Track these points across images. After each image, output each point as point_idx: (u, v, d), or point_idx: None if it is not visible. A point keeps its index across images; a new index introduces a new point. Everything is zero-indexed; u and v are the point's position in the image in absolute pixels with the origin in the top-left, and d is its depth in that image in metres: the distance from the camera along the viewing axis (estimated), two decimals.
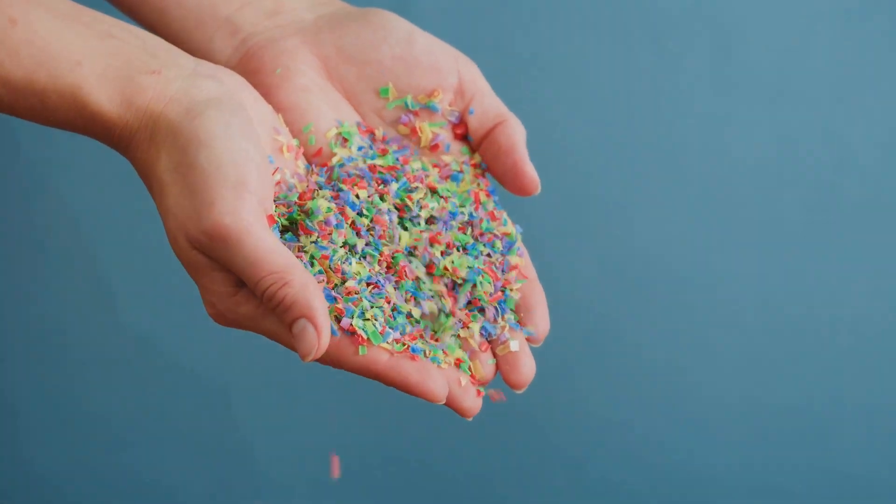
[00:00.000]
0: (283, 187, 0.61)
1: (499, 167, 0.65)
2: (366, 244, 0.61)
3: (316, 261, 0.59)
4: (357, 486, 1.22)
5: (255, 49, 0.65)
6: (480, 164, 0.67)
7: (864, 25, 1.13)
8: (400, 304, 0.60)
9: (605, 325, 1.19)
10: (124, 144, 0.59)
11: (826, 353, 1.19)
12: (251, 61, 0.65)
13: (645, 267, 1.17)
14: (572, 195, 1.16)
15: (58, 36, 0.57)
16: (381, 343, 0.57)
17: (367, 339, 0.57)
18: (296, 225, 0.60)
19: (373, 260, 0.60)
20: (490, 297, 0.62)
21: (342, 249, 0.60)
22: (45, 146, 1.16)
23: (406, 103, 0.66)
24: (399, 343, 0.58)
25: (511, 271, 0.64)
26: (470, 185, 0.66)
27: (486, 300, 0.62)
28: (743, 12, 1.13)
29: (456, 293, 0.62)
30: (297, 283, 0.55)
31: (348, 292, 0.58)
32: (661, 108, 1.14)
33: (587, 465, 1.21)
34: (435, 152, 0.66)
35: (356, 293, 0.58)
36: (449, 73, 0.65)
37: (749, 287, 1.18)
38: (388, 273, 0.61)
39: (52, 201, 1.17)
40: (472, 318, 0.62)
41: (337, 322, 0.57)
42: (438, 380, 0.58)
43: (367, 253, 0.60)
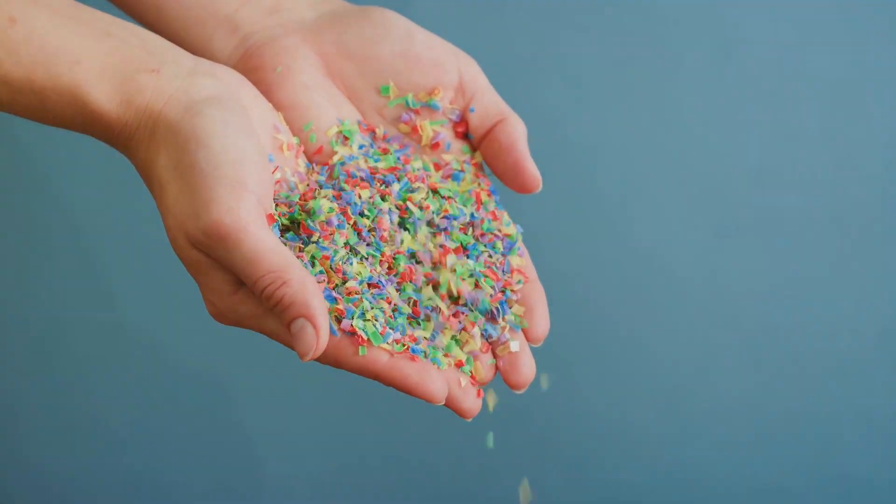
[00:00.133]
0: (284, 186, 0.61)
1: (500, 165, 0.65)
2: (367, 245, 0.60)
3: (317, 261, 0.59)
4: (357, 486, 1.22)
5: (255, 47, 0.65)
6: (481, 164, 0.66)
7: (865, 25, 1.13)
8: (401, 305, 0.60)
9: (606, 325, 1.19)
10: (123, 143, 0.59)
11: (826, 353, 1.19)
12: (251, 59, 0.65)
13: (645, 267, 1.17)
14: (572, 195, 1.16)
15: (57, 35, 0.57)
16: (381, 344, 0.57)
17: (368, 340, 0.57)
18: (297, 224, 0.60)
19: (374, 261, 0.60)
20: (491, 298, 0.62)
21: (343, 250, 0.59)
22: (45, 145, 1.16)
23: (407, 101, 0.65)
24: (399, 343, 0.58)
25: (512, 273, 0.64)
26: (471, 184, 0.65)
27: (487, 302, 0.62)
28: (743, 12, 1.13)
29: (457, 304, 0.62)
30: (296, 282, 0.55)
31: (349, 292, 0.58)
32: (662, 108, 1.14)
33: (587, 465, 1.21)
34: (436, 151, 0.66)
35: (357, 293, 0.58)
36: (449, 70, 0.65)
37: (749, 287, 1.18)
38: (389, 274, 0.61)
39: (52, 201, 1.17)
40: (473, 319, 0.61)
41: (337, 323, 0.57)
42: (438, 381, 0.58)
43: (368, 254, 0.60)
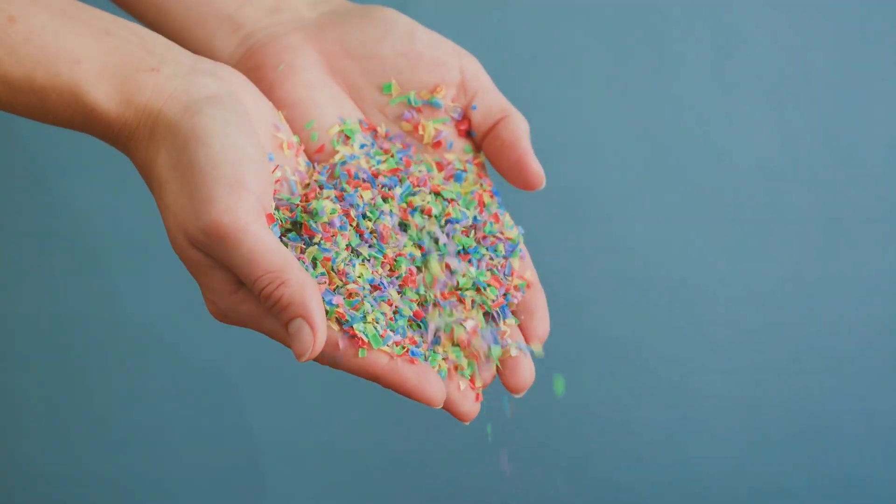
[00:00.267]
0: (284, 185, 0.61)
1: (503, 162, 0.65)
2: (369, 246, 0.60)
3: (319, 262, 0.58)
4: (357, 486, 1.22)
5: (256, 46, 0.65)
6: (484, 164, 0.66)
7: (865, 25, 1.13)
8: (402, 307, 0.60)
9: (605, 325, 1.19)
10: (124, 142, 0.58)
11: (826, 353, 1.19)
12: (253, 58, 0.65)
13: (645, 267, 1.17)
14: (572, 195, 1.16)
15: (57, 34, 0.57)
16: (381, 346, 0.57)
17: (368, 343, 0.57)
18: (299, 225, 0.60)
19: (376, 262, 0.60)
20: (493, 302, 0.62)
21: (345, 251, 0.59)
22: (45, 144, 1.16)
23: (409, 100, 0.65)
24: (399, 346, 0.58)
25: (514, 278, 0.63)
26: (473, 185, 0.65)
27: (489, 305, 0.62)
28: (743, 12, 1.12)
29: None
30: (294, 282, 0.55)
31: (350, 294, 0.58)
32: (662, 108, 1.14)
33: (587, 465, 1.21)
34: (437, 149, 0.66)
35: (358, 296, 0.58)
36: (451, 68, 0.65)
37: (749, 287, 1.18)
38: (390, 276, 0.61)
39: (52, 199, 1.17)
40: (472, 308, 0.61)
41: (339, 326, 0.57)
42: (436, 384, 0.58)
43: (370, 255, 0.60)
